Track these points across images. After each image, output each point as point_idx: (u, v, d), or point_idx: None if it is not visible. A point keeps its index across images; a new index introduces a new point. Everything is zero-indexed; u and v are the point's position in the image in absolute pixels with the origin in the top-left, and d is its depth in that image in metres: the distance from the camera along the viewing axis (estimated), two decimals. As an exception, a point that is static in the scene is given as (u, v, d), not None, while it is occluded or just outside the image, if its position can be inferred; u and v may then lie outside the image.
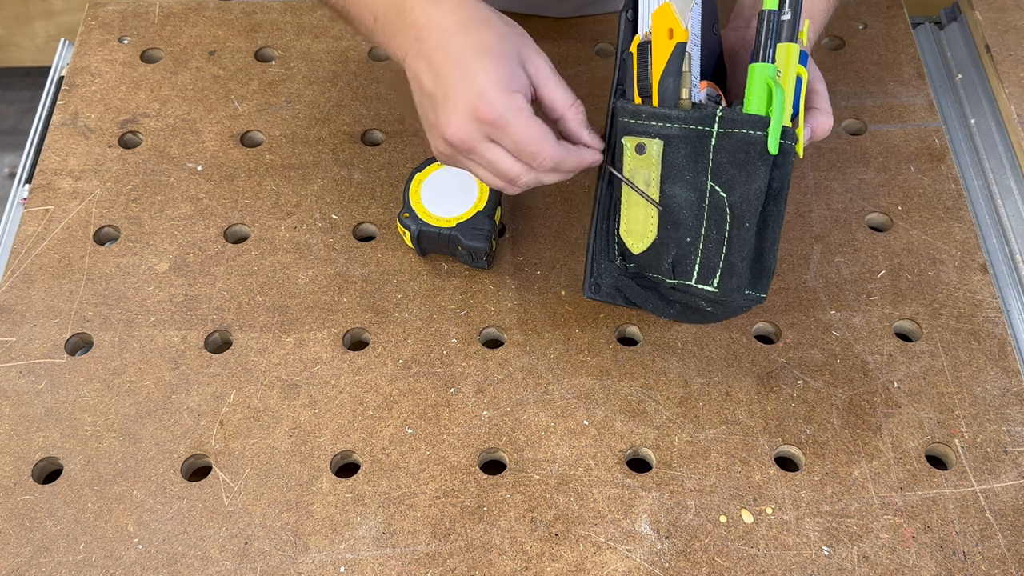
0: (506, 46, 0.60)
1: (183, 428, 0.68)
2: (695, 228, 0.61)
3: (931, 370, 0.71)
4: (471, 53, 0.59)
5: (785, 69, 0.60)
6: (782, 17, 0.60)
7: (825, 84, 0.66)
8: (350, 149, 0.84)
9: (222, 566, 0.62)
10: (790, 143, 0.60)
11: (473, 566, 0.62)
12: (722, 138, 0.59)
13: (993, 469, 0.66)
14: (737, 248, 0.61)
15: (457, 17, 0.60)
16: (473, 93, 0.59)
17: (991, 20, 0.92)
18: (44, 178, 0.82)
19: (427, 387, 0.70)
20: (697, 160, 0.60)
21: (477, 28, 0.60)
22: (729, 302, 0.63)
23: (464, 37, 0.60)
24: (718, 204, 0.60)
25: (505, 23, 0.62)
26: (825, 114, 0.64)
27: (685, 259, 0.62)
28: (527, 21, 0.93)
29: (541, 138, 0.60)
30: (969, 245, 0.78)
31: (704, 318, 0.69)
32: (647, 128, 0.61)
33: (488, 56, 0.59)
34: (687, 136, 0.60)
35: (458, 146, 0.61)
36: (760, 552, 0.63)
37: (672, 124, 0.60)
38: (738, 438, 0.68)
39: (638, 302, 0.68)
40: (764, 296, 0.63)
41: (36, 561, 0.62)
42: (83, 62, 0.90)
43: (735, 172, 0.60)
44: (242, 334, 0.73)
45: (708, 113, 0.59)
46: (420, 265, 0.77)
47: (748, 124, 0.59)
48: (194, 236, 0.78)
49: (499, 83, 0.59)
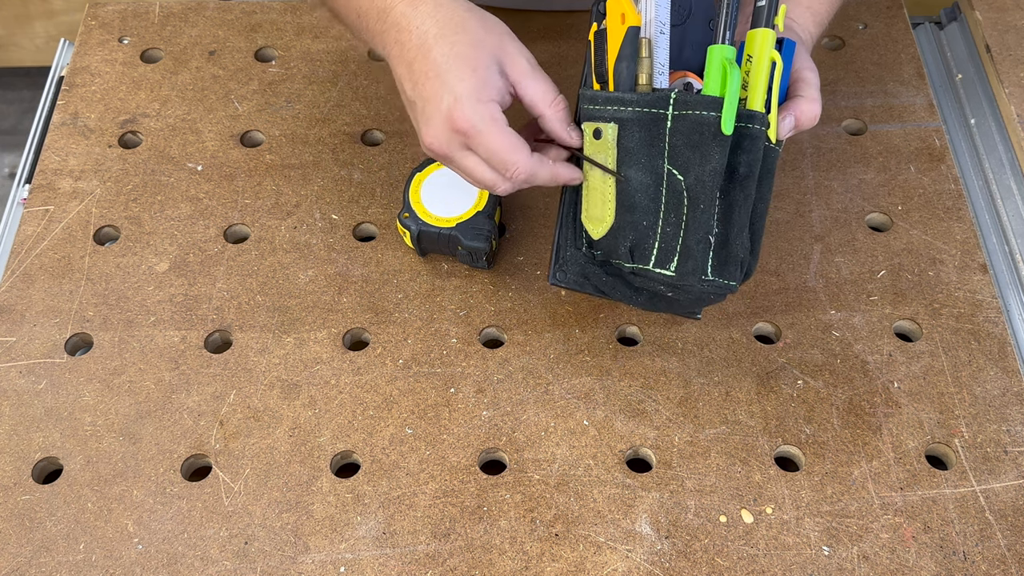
0: (482, 53, 0.61)
1: (183, 428, 0.68)
2: (652, 212, 0.61)
3: (931, 370, 0.71)
4: (447, 61, 0.60)
5: (758, 54, 0.60)
6: (758, 3, 0.60)
7: (817, 74, 0.66)
8: (350, 149, 0.84)
9: (222, 566, 0.62)
10: (758, 127, 0.60)
11: (473, 566, 0.62)
12: (677, 120, 0.59)
13: (993, 469, 0.66)
14: (693, 231, 0.60)
15: (435, 20, 0.61)
16: (448, 103, 0.60)
17: (991, 20, 0.92)
18: (44, 178, 0.82)
19: (427, 387, 0.70)
20: (652, 143, 0.60)
21: (454, 34, 0.61)
22: (688, 287, 0.62)
23: (441, 44, 0.60)
24: (675, 187, 0.60)
25: (482, 26, 0.62)
26: (810, 101, 0.63)
27: (643, 243, 0.62)
28: (526, 17, 0.94)
29: (512, 149, 0.61)
30: (969, 245, 0.78)
31: (671, 306, 0.68)
32: (603, 113, 0.61)
33: (463, 65, 0.60)
34: (641, 119, 0.60)
35: (437, 153, 0.63)
36: (760, 552, 0.63)
37: (626, 107, 0.60)
38: (738, 438, 0.68)
39: (605, 290, 0.68)
40: (734, 284, 0.62)
41: (36, 561, 0.62)
42: (83, 62, 0.90)
43: (690, 154, 0.60)
44: (242, 334, 0.73)
45: (662, 96, 0.60)
46: (420, 265, 0.77)
47: (702, 105, 0.59)
48: (194, 236, 0.78)
49: (473, 93, 0.60)
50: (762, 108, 0.61)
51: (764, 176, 0.63)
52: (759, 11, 0.61)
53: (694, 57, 0.63)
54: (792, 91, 0.64)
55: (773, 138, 0.61)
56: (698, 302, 0.68)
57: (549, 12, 0.94)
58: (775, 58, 0.60)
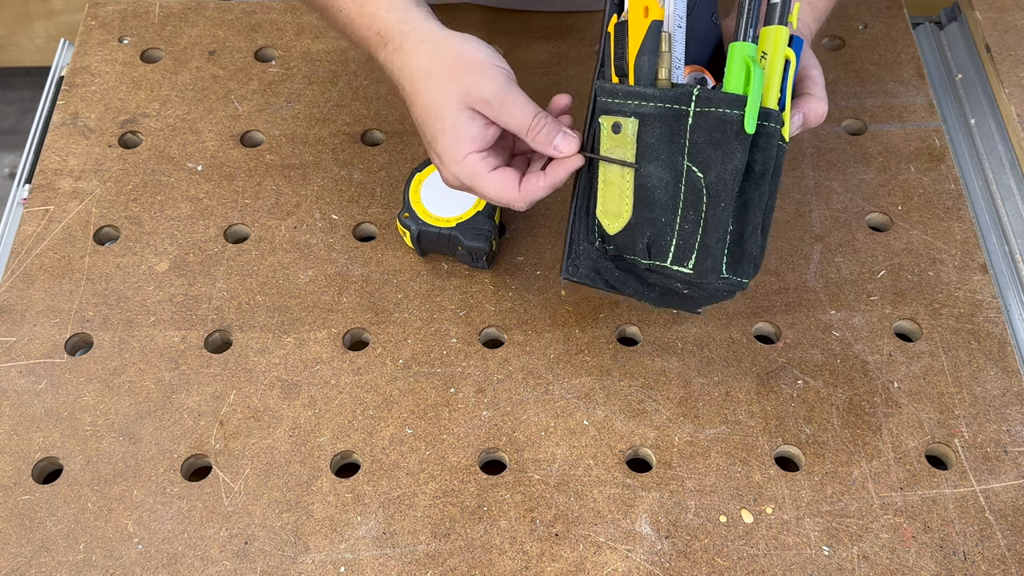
0: (448, 108, 0.63)
1: (183, 428, 0.68)
2: (671, 208, 0.61)
3: (931, 370, 0.71)
4: (424, 120, 0.64)
5: (772, 51, 0.60)
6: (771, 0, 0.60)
7: (822, 71, 0.66)
8: (350, 149, 0.84)
9: (222, 566, 0.62)
10: (774, 126, 0.60)
11: (473, 566, 0.62)
12: (699, 117, 0.59)
13: (993, 469, 0.66)
14: (712, 229, 0.60)
15: (405, 75, 0.64)
16: (437, 161, 0.65)
17: (991, 20, 0.92)
18: (44, 178, 0.82)
19: (427, 387, 0.70)
20: (673, 140, 0.60)
21: (424, 92, 0.63)
22: (705, 284, 0.62)
23: (415, 102, 0.64)
24: (695, 184, 0.60)
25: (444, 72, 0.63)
26: (818, 100, 0.63)
27: (660, 240, 0.61)
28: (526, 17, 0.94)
29: (501, 192, 0.64)
30: (969, 245, 0.78)
31: (683, 303, 0.68)
32: (623, 107, 0.61)
33: (435, 123, 0.63)
34: (662, 115, 0.60)
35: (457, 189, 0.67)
36: (760, 552, 0.63)
37: (647, 103, 0.60)
38: (738, 438, 0.68)
39: (617, 286, 0.68)
40: (746, 282, 0.62)
41: (36, 561, 0.62)
42: (83, 62, 0.90)
43: (711, 152, 0.59)
44: (242, 334, 0.73)
45: (685, 92, 0.59)
46: (420, 265, 0.77)
47: (725, 103, 0.58)
48: (194, 236, 0.78)
49: (450, 154, 0.63)
50: (776, 106, 0.60)
51: (774, 173, 0.63)
52: (773, 8, 0.60)
53: (696, 50, 0.63)
54: (799, 88, 0.64)
55: (787, 136, 0.61)
56: (711, 299, 0.67)
57: (549, 12, 0.94)
58: (789, 56, 0.60)
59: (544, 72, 0.89)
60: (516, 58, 0.90)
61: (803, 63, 0.65)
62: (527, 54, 0.91)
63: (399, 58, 0.64)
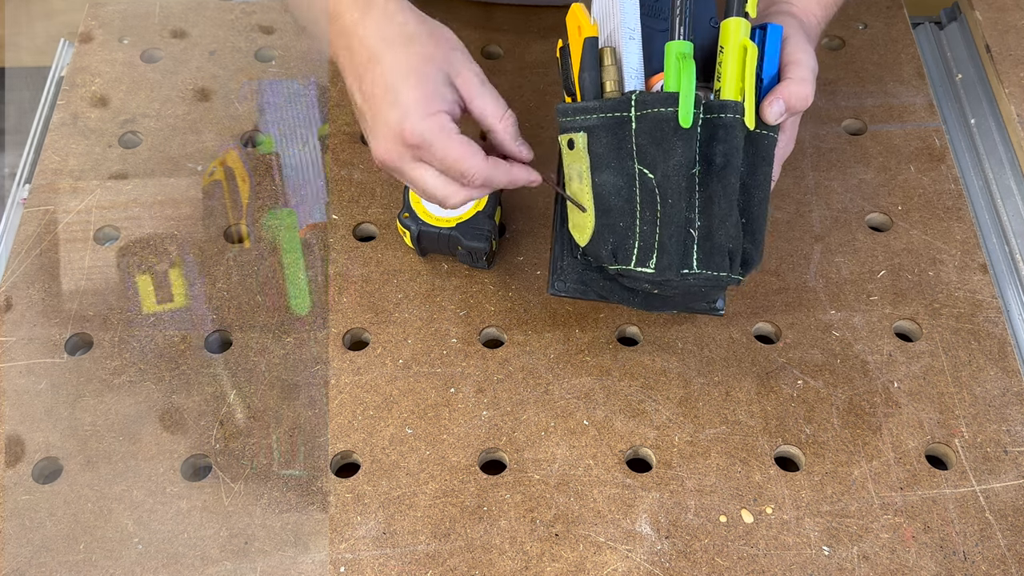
0: (431, 67, 0.61)
1: (183, 428, 0.68)
2: (628, 212, 0.62)
3: (931, 370, 0.71)
4: (395, 75, 0.61)
5: (729, 44, 0.61)
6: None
7: (812, 55, 0.65)
8: (350, 149, 0.84)
9: (222, 566, 0.62)
10: (732, 116, 0.61)
11: (473, 566, 0.62)
12: (640, 121, 0.61)
13: (993, 469, 0.66)
14: (665, 226, 0.61)
15: (384, 33, 0.61)
16: (397, 116, 0.60)
17: (991, 20, 0.92)
18: (44, 178, 0.82)
19: (427, 387, 0.70)
20: (620, 146, 0.62)
21: (403, 47, 0.61)
22: (668, 282, 0.62)
23: (389, 57, 0.61)
24: (648, 186, 0.61)
25: (432, 39, 0.62)
26: (798, 83, 0.63)
27: (624, 244, 0.62)
28: (526, 17, 0.94)
29: (467, 155, 0.61)
30: (969, 245, 0.78)
31: (665, 304, 0.68)
32: (573, 123, 0.63)
33: (412, 77, 0.61)
34: (606, 124, 0.62)
35: (388, 166, 0.64)
36: (760, 552, 0.63)
37: (591, 115, 0.62)
38: (738, 438, 0.68)
39: (606, 294, 0.68)
40: (727, 275, 0.62)
41: (36, 561, 0.62)
42: (83, 62, 0.90)
43: (655, 151, 0.61)
44: (242, 334, 0.73)
45: (624, 99, 0.61)
46: (420, 265, 0.77)
47: (660, 102, 0.60)
48: (194, 236, 0.78)
49: (422, 105, 0.60)
50: (738, 97, 0.61)
51: (758, 164, 0.63)
52: (729, 1, 0.62)
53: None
54: (783, 75, 0.64)
55: (751, 125, 0.62)
56: (692, 298, 0.68)
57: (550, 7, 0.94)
58: (747, 45, 0.61)
59: (544, 72, 0.90)
60: (516, 58, 0.90)
61: (789, 49, 0.64)
62: (527, 54, 0.91)
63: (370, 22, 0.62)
